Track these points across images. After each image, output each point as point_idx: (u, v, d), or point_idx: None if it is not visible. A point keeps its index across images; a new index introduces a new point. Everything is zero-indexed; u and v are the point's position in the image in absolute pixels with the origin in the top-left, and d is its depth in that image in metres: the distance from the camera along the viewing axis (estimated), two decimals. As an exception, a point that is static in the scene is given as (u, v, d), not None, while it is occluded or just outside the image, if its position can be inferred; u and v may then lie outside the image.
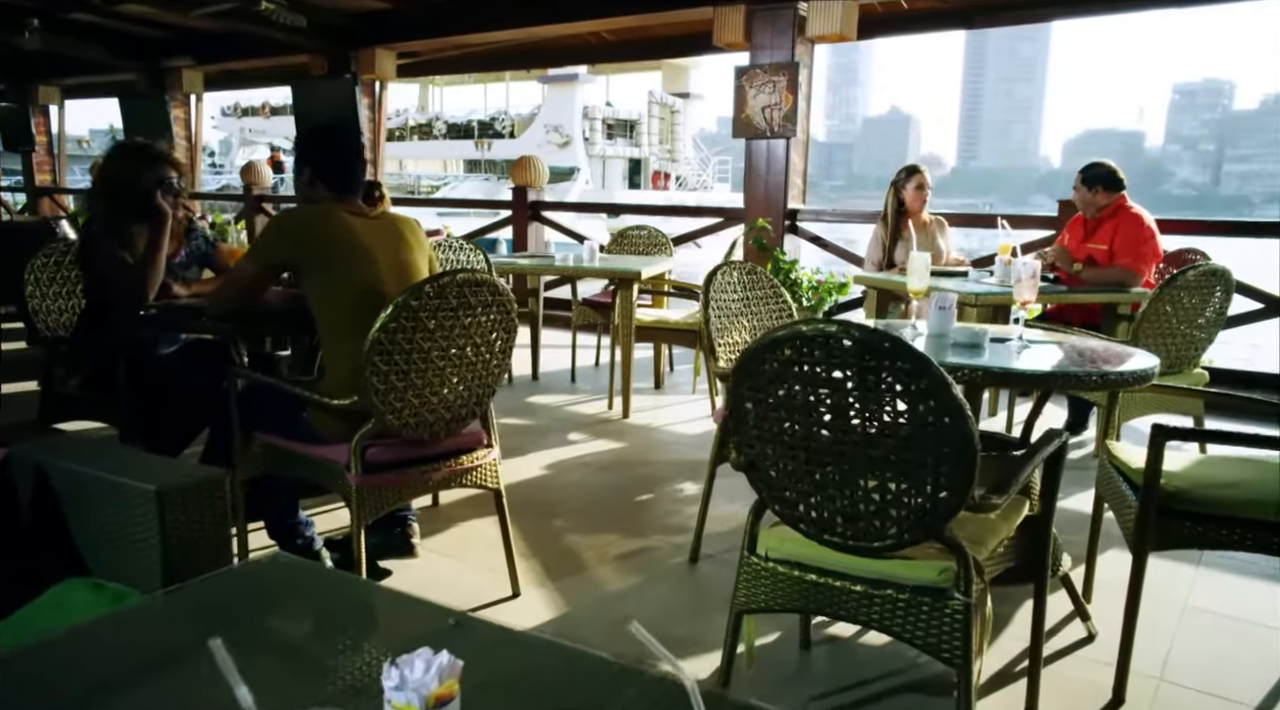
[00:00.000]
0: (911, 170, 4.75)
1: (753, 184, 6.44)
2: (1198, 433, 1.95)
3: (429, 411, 2.19)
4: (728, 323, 2.75)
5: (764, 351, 1.55)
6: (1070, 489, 3.46)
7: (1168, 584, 2.56)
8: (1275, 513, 1.91)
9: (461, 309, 2.14)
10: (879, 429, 1.49)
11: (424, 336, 2.09)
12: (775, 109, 6.20)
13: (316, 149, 2.36)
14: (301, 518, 2.44)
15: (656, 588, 2.58)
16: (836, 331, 1.45)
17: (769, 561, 1.73)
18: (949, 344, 2.24)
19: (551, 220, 7.82)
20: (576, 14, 7.14)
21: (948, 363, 1.98)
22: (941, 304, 2.35)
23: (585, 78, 27.83)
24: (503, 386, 5.06)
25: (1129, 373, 1.95)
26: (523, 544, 2.84)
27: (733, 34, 6.35)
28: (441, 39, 8.32)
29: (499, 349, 2.29)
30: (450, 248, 3.65)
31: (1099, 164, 4.12)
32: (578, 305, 5.18)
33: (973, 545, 1.67)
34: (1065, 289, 3.88)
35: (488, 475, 2.40)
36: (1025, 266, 2.21)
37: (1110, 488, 2.25)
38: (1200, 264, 3.23)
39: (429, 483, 2.26)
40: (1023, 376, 1.93)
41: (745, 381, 1.60)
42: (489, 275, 2.16)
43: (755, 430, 1.64)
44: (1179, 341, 3.30)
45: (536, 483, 3.49)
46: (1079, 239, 4.15)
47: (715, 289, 2.73)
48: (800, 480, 1.62)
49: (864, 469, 1.54)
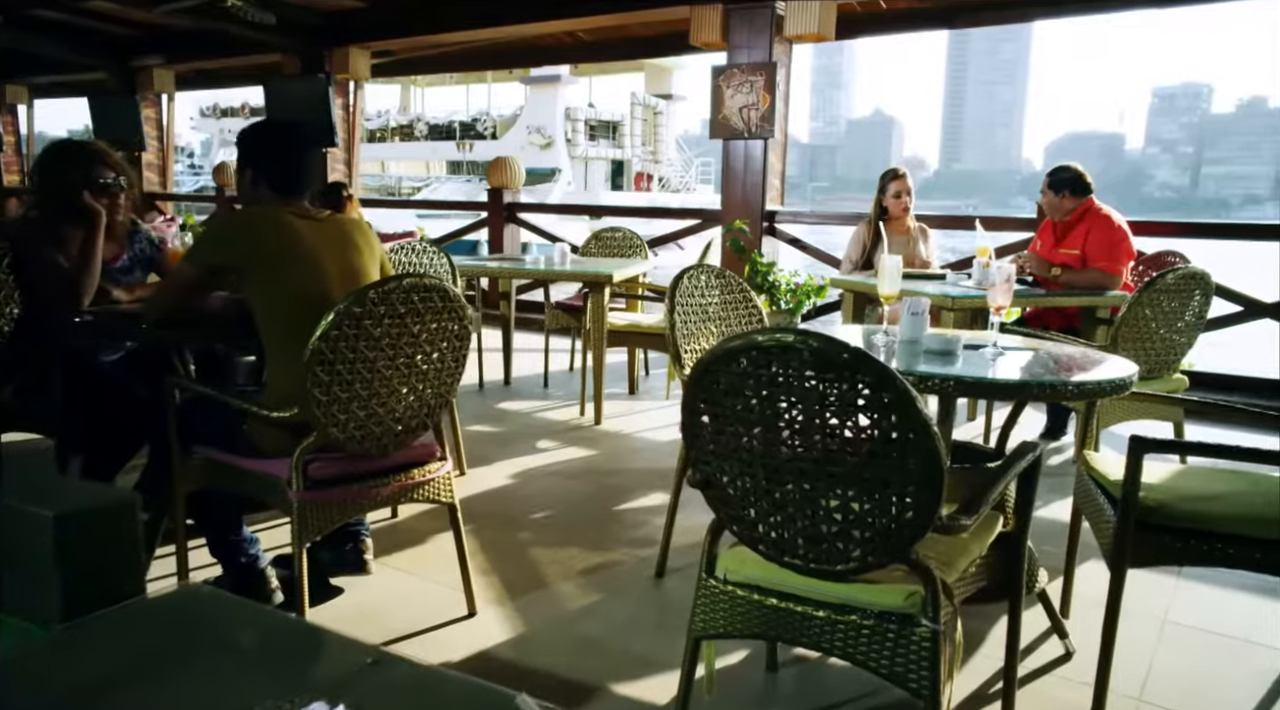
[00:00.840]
0: (893, 175, 4.67)
1: (730, 185, 6.36)
2: (1177, 444, 1.87)
3: (376, 424, 2.08)
4: (695, 328, 2.65)
5: (718, 363, 1.45)
6: (1049, 497, 3.39)
7: (1147, 598, 2.48)
8: (1257, 527, 1.83)
9: (409, 316, 2.03)
10: (840, 445, 1.40)
11: (369, 345, 1.98)
12: (753, 109, 6.12)
13: (259, 148, 2.24)
14: (246, 535, 2.32)
15: (619, 604, 2.48)
16: (794, 342, 1.36)
17: (727, 584, 1.63)
18: (921, 351, 2.15)
19: (528, 222, 7.71)
20: (552, 13, 7.04)
21: (918, 372, 1.89)
22: (914, 309, 2.26)
23: (568, 79, 27.72)
24: (473, 392, 4.96)
25: (1106, 382, 1.87)
26: (483, 558, 2.74)
27: (710, 33, 6.26)
28: (416, 38, 8.20)
29: (451, 357, 2.19)
30: (413, 251, 3.54)
31: (1065, 168, 4.06)
32: (550, 309, 5.07)
33: (942, 567, 1.58)
34: (1043, 292, 3.81)
35: (441, 489, 2.29)
36: (999, 271, 2.13)
37: (1088, 500, 2.17)
38: (1179, 267, 3.16)
39: (377, 498, 2.14)
40: (996, 387, 1.85)
41: (699, 394, 1.50)
42: (438, 280, 2.05)
43: (711, 445, 1.54)
44: (1158, 346, 3.23)
45: (502, 493, 3.38)
46: (1050, 245, 4.09)
47: (682, 293, 2.63)
48: (759, 499, 1.52)
49: (825, 488, 1.44)
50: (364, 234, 2.30)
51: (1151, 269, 4.30)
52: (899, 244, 4.61)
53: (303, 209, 2.23)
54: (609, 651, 2.22)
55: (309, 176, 2.28)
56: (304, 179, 2.26)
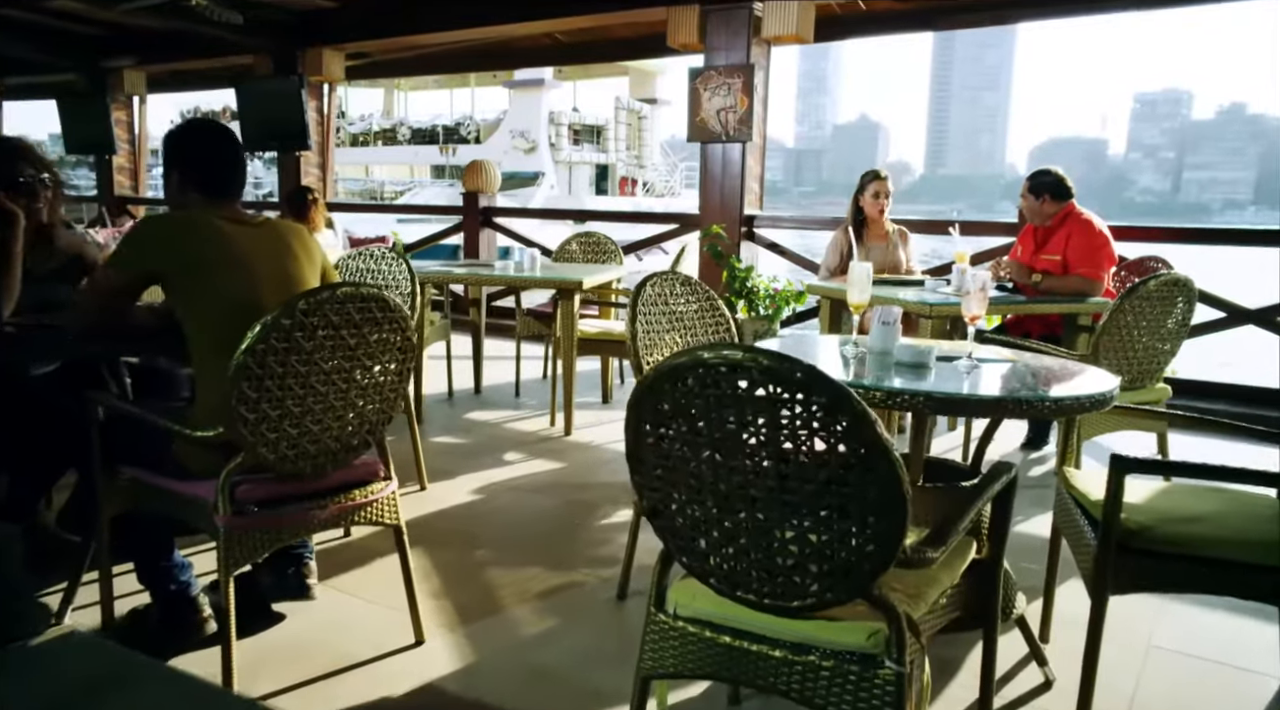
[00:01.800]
0: (873, 176, 4.56)
1: (708, 189, 6.25)
2: (1160, 464, 1.76)
3: (310, 443, 1.94)
4: (658, 338, 2.53)
5: (663, 381, 1.32)
6: (1030, 511, 3.29)
7: (1130, 621, 2.37)
8: (1243, 550, 1.72)
9: (345, 327, 1.89)
10: (795, 471, 1.28)
11: (300, 359, 1.84)
12: (730, 112, 6.01)
13: (185, 149, 2.10)
14: (177, 560, 2.17)
15: (577, 631, 2.35)
16: (743, 359, 1.23)
17: (678, 620, 1.51)
18: (891, 363, 2.03)
19: (503, 226, 7.57)
20: (528, 14, 6.92)
21: (886, 387, 1.77)
22: (885, 318, 2.14)
23: (551, 83, 27.56)
24: (442, 402, 4.82)
25: (1086, 398, 1.75)
26: (437, 580, 2.60)
27: (687, 35, 6.16)
28: (391, 39, 8.05)
29: (394, 371, 2.05)
30: (372, 257, 3.40)
31: (1046, 172, 3.96)
32: (521, 316, 4.94)
33: (909, 600, 1.46)
34: (1024, 299, 3.70)
35: (385, 511, 2.16)
36: (974, 278, 2.01)
37: (1068, 520, 2.06)
38: (1162, 273, 3.06)
39: (313, 522, 2.01)
40: (969, 403, 1.74)
41: (644, 415, 1.38)
42: (376, 290, 1.92)
43: (658, 470, 1.42)
44: (1141, 355, 3.13)
45: (462, 510, 3.24)
46: (1031, 250, 3.99)
47: (645, 301, 2.51)
48: (710, 528, 1.40)
49: (780, 517, 1.32)
50: (302, 240, 2.17)
51: (1134, 275, 4.21)
52: (878, 249, 4.51)
53: (235, 213, 2.09)
54: (563, 683, 2.09)
55: (239, 179, 2.14)
56: (234, 181, 2.12)
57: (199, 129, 2.19)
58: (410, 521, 3.07)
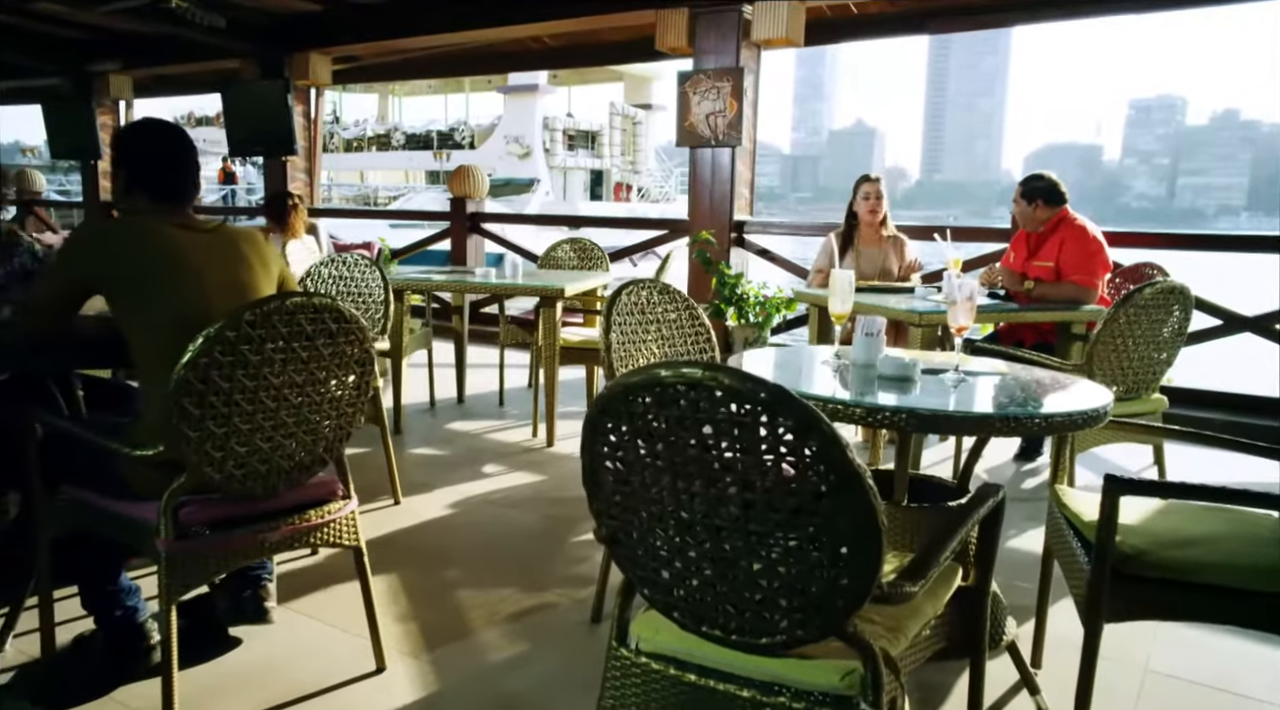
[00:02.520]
0: (864, 178, 4.47)
1: (698, 194, 6.16)
2: (1156, 486, 1.66)
3: (260, 461, 1.84)
4: (634, 348, 2.43)
5: (618, 401, 1.22)
6: (1023, 525, 3.19)
7: (1126, 643, 2.27)
8: (1243, 577, 1.62)
9: (296, 339, 1.79)
10: (762, 499, 1.17)
11: (247, 373, 1.74)
12: (720, 116, 5.92)
13: (134, 150, 2.00)
14: (124, 584, 2.06)
15: (548, 656, 2.24)
16: (703, 378, 1.13)
17: (640, 655, 1.41)
18: (875, 376, 1.94)
19: (491, 232, 7.48)
20: (515, 17, 6.82)
21: (867, 403, 1.67)
22: (868, 329, 2.05)
23: (545, 88, 27.49)
24: (423, 412, 4.72)
25: (1079, 414, 1.66)
26: (404, 602, 2.49)
27: (676, 38, 6.07)
28: (378, 43, 7.95)
29: (352, 385, 1.95)
30: (344, 264, 3.30)
31: (1039, 176, 3.87)
32: (505, 323, 4.84)
33: (888, 634, 1.36)
34: (1016, 307, 3.61)
35: (344, 531, 2.05)
36: (961, 287, 1.91)
37: (1060, 542, 1.96)
38: (1157, 281, 2.97)
39: (264, 545, 1.90)
40: (954, 420, 1.64)
41: (599, 437, 1.28)
42: (330, 300, 1.82)
43: (616, 496, 1.31)
44: (1136, 364, 3.04)
45: (436, 526, 3.13)
46: (1023, 257, 3.90)
47: (619, 310, 2.41)
48: (673, 559, 1.30)
49: (746, 548, 1.22)
50: (256, 246, 2.06)
51: (1129, 282, 4.13)
52: (872, 255, 4.41)
53: (184, 218, 1.99)
54: None
55: (190, 181, 2.04)
56: (184, 184, 2.02)
57: (148, 128, 2.09)
58: (381, 538, 2.98)
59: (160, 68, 9.53)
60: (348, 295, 3.26)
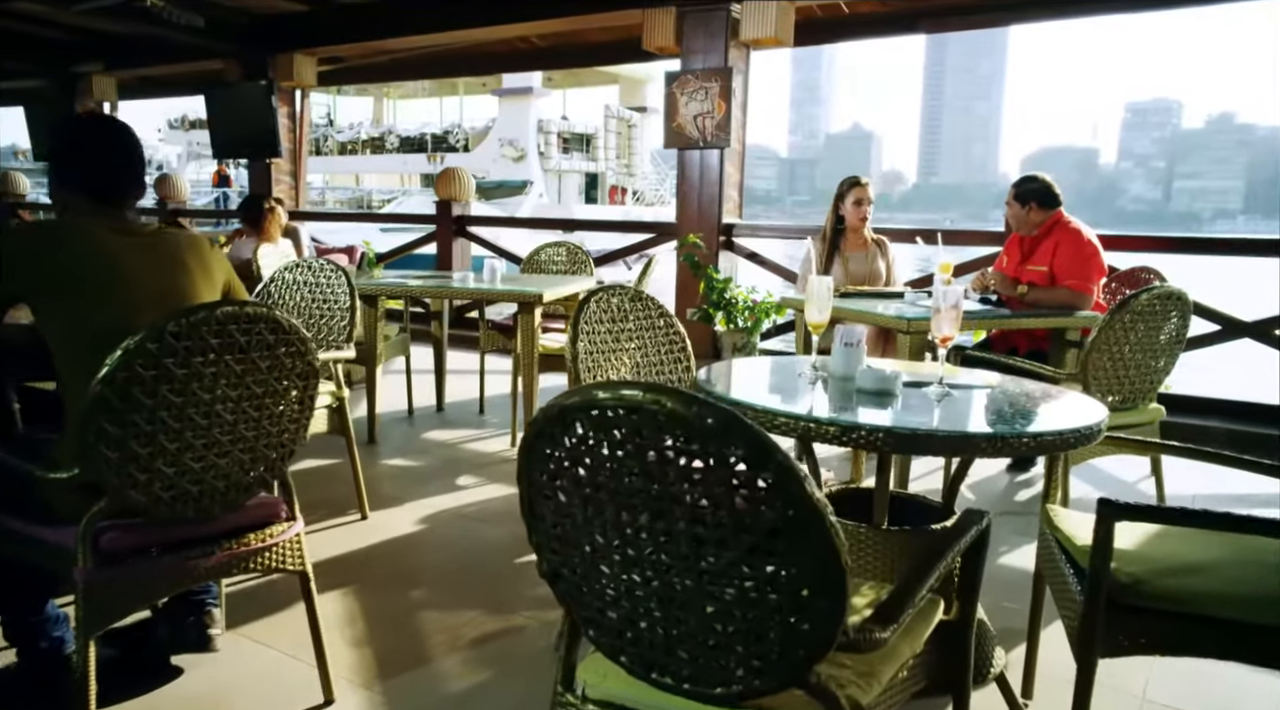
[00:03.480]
0: (853, 182, 4.33)
1: (686, 197, 6.04)
2: (1154, 512, 1.54)
3: (191, 482, 1.71)
4: (605, 359, 2.30)
5: (553, 425, 1.10)
6: (1014, 540, 3.07)
7: (1122, 671, 2.14)
8: (1250, 610, 1.49)
9: (228, 352, 1.66)
10: (712, 536, 1.05)
11: (174, 389, 1.61)
12: (708, 117, 5.80)
13: (67, 147, 1.88)
14: (51, 612, 1.93)
15: (511, 685, 2.11)
16: (644, 400, 1.01)
17: (586, 702, 1.28)
18: (853, 390, 1.81)
19: (478, 235, 7.35)
20: (502, 17, 6.71)
21: (843, 421, 1.54)
22: (847, 339, 1.92)
23: (540, 91, 27.38)
24: (401, 420, 4.59)
25: (1070, 433, 1.53)
26: (361, 625, 2.36)
27: (663, 38, 5.95)
28: (363, 44, 7.83)
29: (294, 399, 1.82)
30: (309, 269, 3.17)
31: (1033, 178, 3.75)
32: (485, 329, 4.71)
33: (859, 679, 1.23)
34: (1009, 313, 3.49)
35: (287, 556, 1.92)
36: (946, 295, 1.79)
37: (1051, 566, 1.83)
38: (1155, 286, 2.85)
39: (196, 572, 1.77)
40: (935, 440, 1.51)
41: (535, 463, 1.15)
42: (266, 309, 1.69)
43: (556, 529, 1.19)
44: (1133, 373, 2.92)
45: (403, 542, 3.00)
46: (1016, 261, 3.78)
47: (588, 319, 2.28)
48: (619, 598, 1.17)
49: (698, 589, 1.09)
50: (199, 252, 1.94)
51: (1125, 287, 4.01)
52: (857, 259, 4.29)
53: (122, 221, 1.86)
54: (485, 751, 1.85)
55: (132, 181, 1.91)
56: (124, 184, 1.89)
57: (87, 124, 1.97)
58: (344, 555, 2.85)
59: (144, 69, 9.41)
60: (313, 301, 3.13)
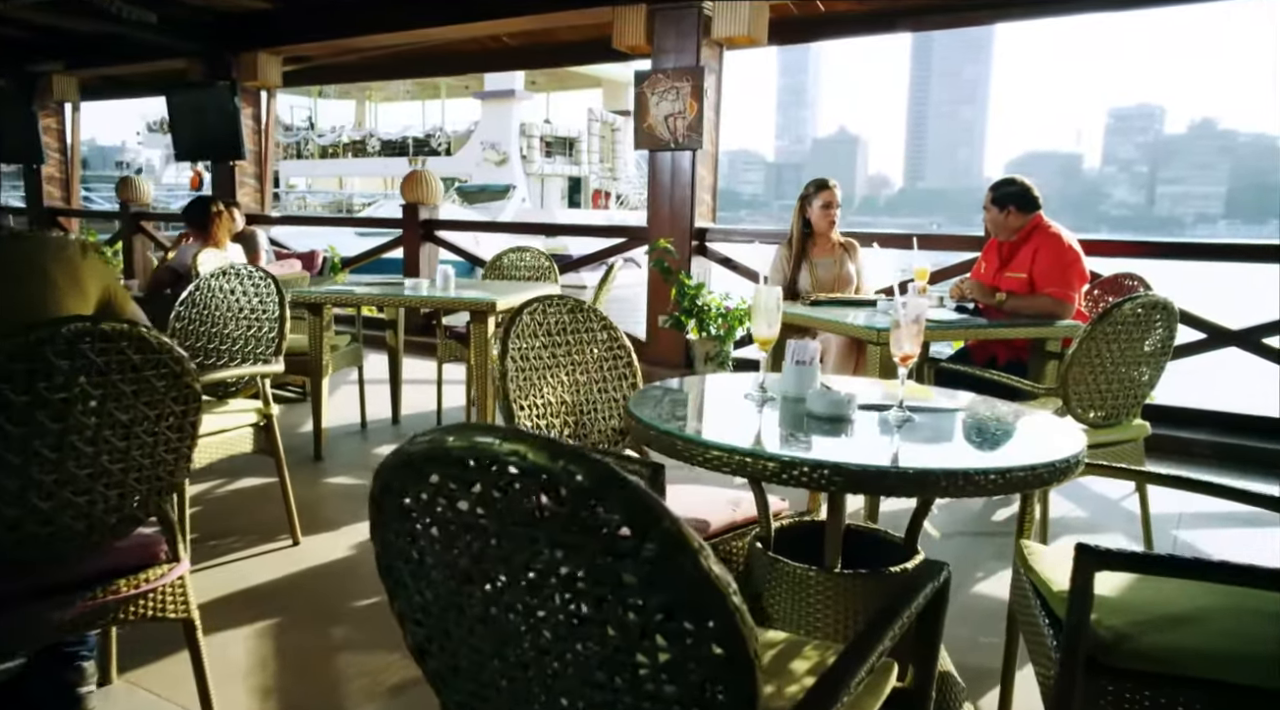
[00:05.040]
0: (820, 185, 4.15)
1: (657, 200, 5.84)
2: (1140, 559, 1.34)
3: (40, 523, 1.49)
4: (537, 377, 2.09)
5: (399, 476, 0.89)
6: (991, 566, 2.88)
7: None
8: (1247, 671, 1.30)
9: (82, 374, 1.44)
10: (593, 615, 0.84)
11: (11, 418, 1.39)
12: (679, 118, 5.61)
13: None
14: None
15: (429, 742, 1.89)
16: (501, 450, 0.80)
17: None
18: (803, 414, 1.61)
19: (446, 240, 7.13)
20: (469, 14, 6.51)
21: (782, 457, 1.34)
22: (799, 356, 1.73)
23: (522, 94, 27.15)
24: (352, 434, 4.37)
25: (1044, 468, 1.34)
26: (271, 670, 2.14)
27: (633, 36, 5.76)
28: (330, 43, 7.60)
29: (170, 427, 1.60)
30: (236, 275, 2.95)
31: (1011, 181, 3.57)
32: (443, 338, 4.50)
33: (790, 774, 1.03)
34: (985, 323, 3.30)
35: (168, 602, 1.70)
36: (906, 309, 1.59)
37: (1025, 612, 1.63)
38: (1138, 295, 2.67)
39: (49, 627, 1.55)
40: (889, 479, 1.30)
41: (389, 521, 0.94)
42: (128, 326, 1.47)
43: (419, 598, 0.98)
44: (1115, 388, 2.73)
45: (334, 571, 2.78)
46: (994, 267, 3.60)
47: (520, 333, 2.07)
48: (494, 683, 0.96)
49: (581, 674, 0.88)
50: (65, 262, 1.72)
51: (1108, 294, 3.83)
52: (825, 265, 4.11)
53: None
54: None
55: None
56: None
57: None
58: (268, 586, 2.63)
59: (105, 68, 9.14)
60: (239, 310, 2.90)
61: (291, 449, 4.06)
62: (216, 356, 2.89)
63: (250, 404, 2.83)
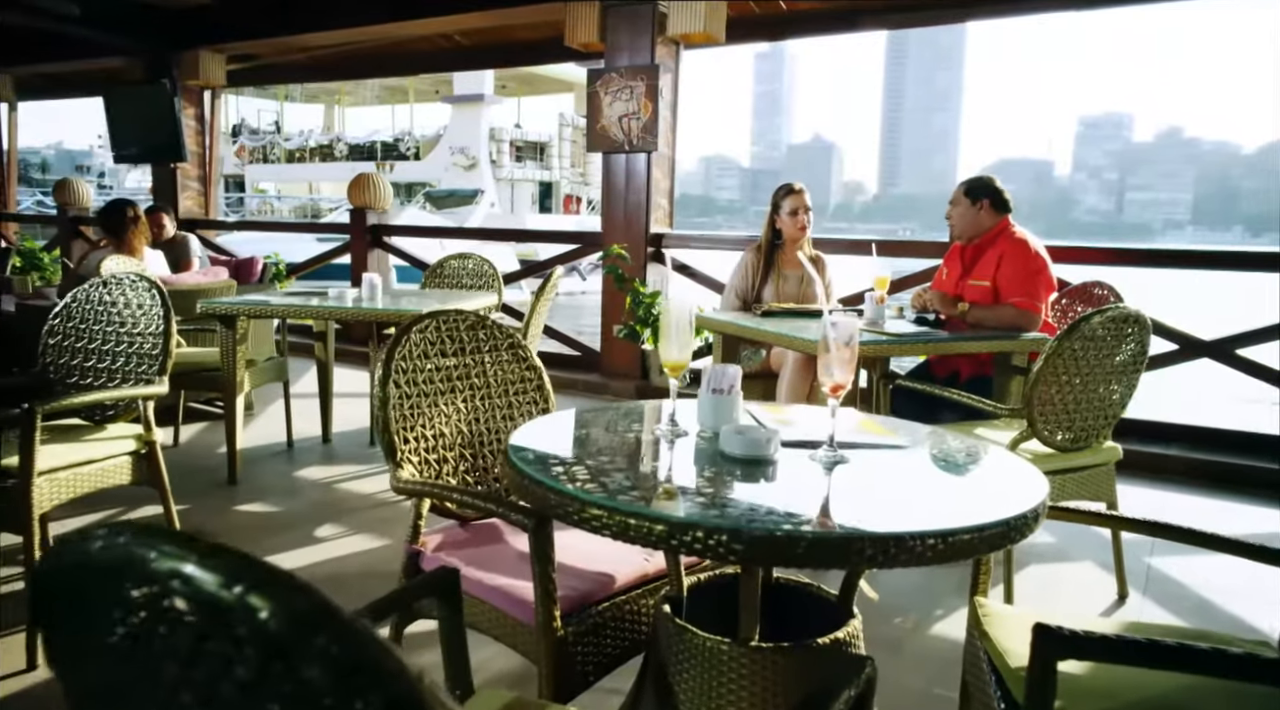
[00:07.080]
0: (788, 190, 3.89)
1: (611, 205, 5.59)
2: (1106, 645, 1.09)
3: None
4: (427, 405, 1.82)
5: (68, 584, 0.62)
6: (954, 602, 2.64)
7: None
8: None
9: None
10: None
11: None
12: (633, 119, 5.36)
13: None
14: None
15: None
16: (161, 570, 0.53)
17: None
18: (718, 452, 1.35)
19: (395, 246, 6.83)
20: (417, 10, 6.23)
21: (669, 518, 1.08)
22: (716, 384, 1.47)
23: (492, 98, 26.81)
24: (277, 454, 4.07)
25: (993, 528, 1.08)
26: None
27: (586, 34, 5.52)
28: (273, 40, 7.28)
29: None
30: (118, 285, 2.64)
31: (982, 178, 3.36)
32: (375, 349, 4.21)
33: None
34: (947, 336, 3.07)
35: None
36: (837, 329, 1.34)
37: (979, 685, 1.38)
38: (1109, 308, 2.44)
39: None
40: (800, 547, 1.04)
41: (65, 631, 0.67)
42: None
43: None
44: (1084, 408, 2.51)
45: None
46: (957, 275, 3.37)
47: (406, 355, 1.80)
48: None
49: None
50: None
51: (1077, 303, 3.61)
52: (792, 278, 3.86)
53: None
54: None
55: None
56: None
57: None
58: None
59: (41, 66, 8.75)
60: (120, 323, 2.60)
61: (205, 471, 3.76)
62: (94, 376, 2.59)
63: (130, 429, 2.53)
